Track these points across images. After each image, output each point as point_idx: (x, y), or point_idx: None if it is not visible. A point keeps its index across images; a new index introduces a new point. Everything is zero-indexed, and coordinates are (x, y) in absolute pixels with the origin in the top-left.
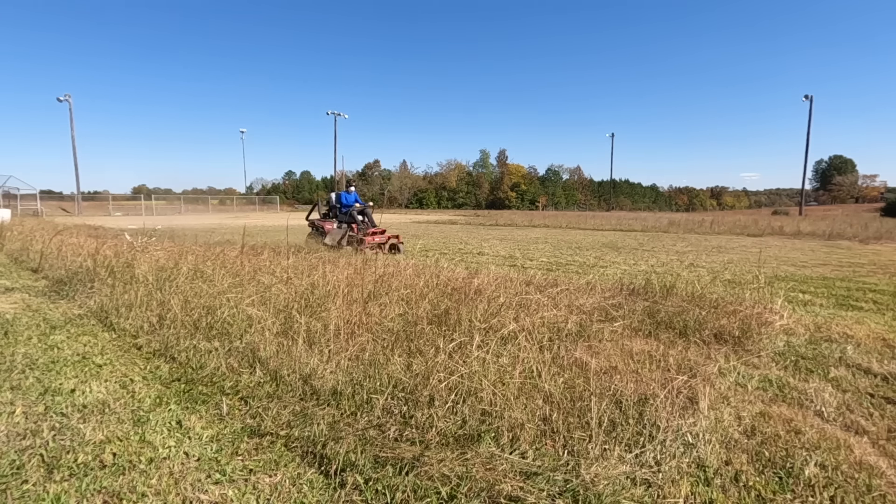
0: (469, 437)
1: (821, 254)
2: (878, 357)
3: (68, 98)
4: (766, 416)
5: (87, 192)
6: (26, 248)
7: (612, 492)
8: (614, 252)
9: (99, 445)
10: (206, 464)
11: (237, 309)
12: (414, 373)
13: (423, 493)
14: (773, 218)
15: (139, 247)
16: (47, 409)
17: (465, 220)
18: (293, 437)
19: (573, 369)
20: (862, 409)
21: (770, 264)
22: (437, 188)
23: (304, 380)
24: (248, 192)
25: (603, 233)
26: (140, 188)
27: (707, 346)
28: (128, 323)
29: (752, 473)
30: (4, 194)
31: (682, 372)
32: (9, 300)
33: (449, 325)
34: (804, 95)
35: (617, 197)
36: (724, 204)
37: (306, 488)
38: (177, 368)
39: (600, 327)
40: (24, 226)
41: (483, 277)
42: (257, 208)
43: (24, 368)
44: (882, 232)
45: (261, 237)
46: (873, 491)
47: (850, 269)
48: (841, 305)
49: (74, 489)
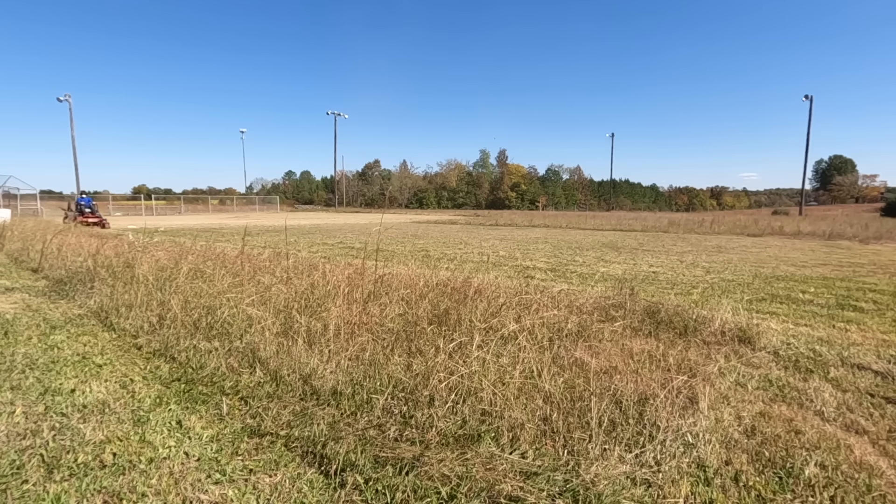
0: (469, 437)
1: (821, 254)
2: (877, 357)
3: (68, 98)
4: (766, 416)
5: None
6: (26, 248)
7: (612, 492)
8: (614, 252)
9: (99, 445)
10: (206, 464)
11: (237, 309)
12: (414, 373)
13: (423, 493)
14: (773, 218)
15: (140, 247)
16: (47, 409)
17: (465, 220)
18: (293, 437)
19: (573, 369)
20: (862, 409)
21: (770, 264)
22: (437, 188)
23: (304, 380)
24: (248, 192)
25: (603, 233)
26: (140, 188)
27: (707, 347)
28: (128, 323)
29: (752, 473)
30: (4, 194)
31: (682, 372)
32: (9, 300)
33: (449, 325)
34: (804, 95)
35: (617, 197)
36: (724, 204)
37: (306, 488)
38: (177, 368)
39: (600, 327)
40: (25, 226)
41: (483, 277)
42: (257, 208)
43: (24, 368)
44: (882, 232)
45: (261, 237)
46: (873, 491)
47: (850, 269)
48: (841, 305)
49: (74, 489)
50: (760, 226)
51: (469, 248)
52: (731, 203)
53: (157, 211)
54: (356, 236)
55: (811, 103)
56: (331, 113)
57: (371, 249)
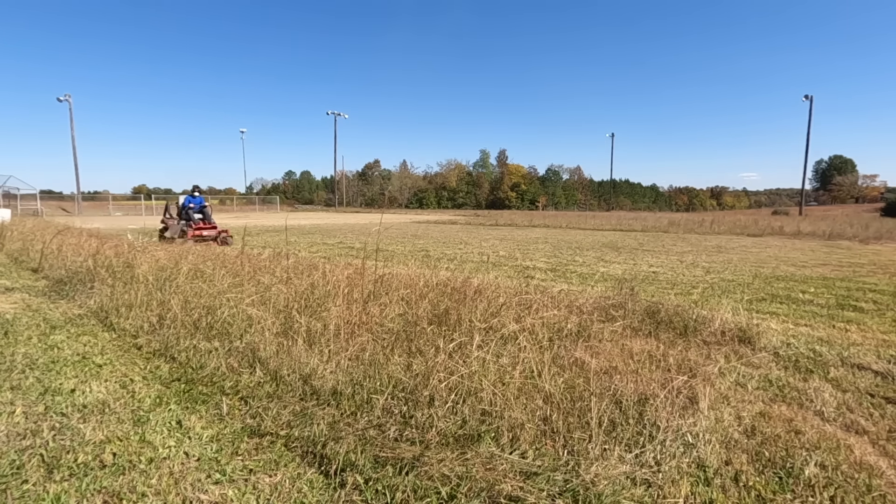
0: (469, 437)
1: (821, 254)
2: (877, 357)
3: (68, 98)
4: (766, 416)
5: (87, 192)
6: (26, 248)
7: (612, 492)
8: (614, 252)
9: (99, 445)
10: (206, 464)
11: (237, 309)
12: (414, 373)
13: (423, 493)
14: (773, 218)
15: (139, 247)
16: (47, 409)
17: (465, 221)
18: (293, 436)
19: (573, 369)
20: (862, 409)
21: (770, 264)
22: (437, 188)
23: (304, 380)
24: (248, 192)
25: (603, 233)
26: (140, 188)
27: (707, 347)
28: (128, 323)
29: (752, 473)
30: (4, 194)
31: (682, 372)
32: (9, 300)
33: (449, 325)
34: (804, 95)
35: (617, 197)
36: (724, 204)
37: (306, 488)
38: (177, 368)
39: (600, 327)
40: (25, 226)
41: (483, 277)
42: (257, 208)
43: (24, 368)
44: (882, 232)
45: (261, 237)
46: (873, 491)
47: (850, 269)
48: (841, 305)
49: (74, 489)
50: (760, 226)
51: (469, 248)
52: (731, 203)
53: (156, 211)
54: (356, 236)
55: (811, 103)
56: (331, 113)
57: (371, 249)
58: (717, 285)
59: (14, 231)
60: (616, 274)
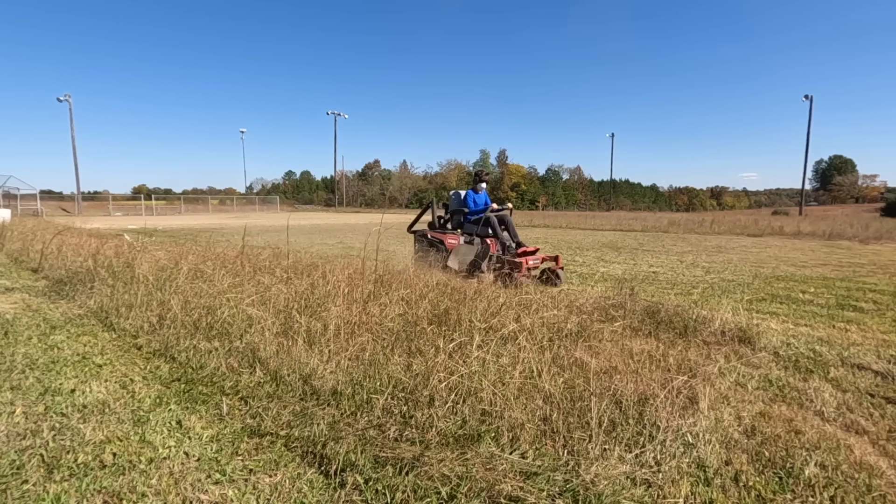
0: (469, 437)
1: (821, 254)
2: (877, 357)
3: (68, 98)
4: (766, 416)
5: (87, 192)
6: (26, 248)
7: (612, 492)
8: (614, 252)
9: (99, 445)
10: (206, 464)
11: (237, 309)
12: (414, 373)
13: (423, 493)
14: (773, 218)
15: (139, 247)
16: (47, 409)
17: None
18: (293, 437)
19: (573, 369)
20: (862, 409)
21: (770, 264)
22: (437, 188)
23: (304, 380)
24: (248, 192)
25: (603, 233)
26: (140, 188)
27: (707, 347)
28: (128, 323)
29: (752, 473)
30: (4, 194)
31: (682, 372)
32: (9, 300)
33: (449, 325)
34: (804, 95)
35: (617, 197)
36: (724, 204)
37: (306, 488)
38: (177, 368)
39: (600, 327)
40: (25, 226)
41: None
42: (257, 208)
43: (24, 368)
44: (882, 232)
45: (261, 237)
46: (873, 491)
47: (850, 269)
48: (841, 305)
49: (74, 489)
50: (760, 226)
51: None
52: (731, 203)
53: (157, 211)
54: (356, 236)
55: (811, 103)
56: (331, 113)
57: (371, 249)
58: (717, 285)
59: (14, 231)
60: (616, 274)
